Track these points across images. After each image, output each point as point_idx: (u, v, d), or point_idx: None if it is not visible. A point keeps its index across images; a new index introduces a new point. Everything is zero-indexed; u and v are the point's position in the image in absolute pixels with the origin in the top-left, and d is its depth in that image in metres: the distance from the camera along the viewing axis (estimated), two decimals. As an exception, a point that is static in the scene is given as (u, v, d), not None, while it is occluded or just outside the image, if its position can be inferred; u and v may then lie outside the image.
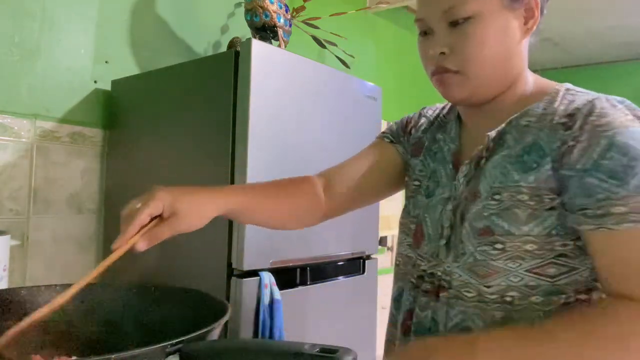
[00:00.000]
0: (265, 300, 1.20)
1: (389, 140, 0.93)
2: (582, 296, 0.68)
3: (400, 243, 0.86)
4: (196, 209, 0.71)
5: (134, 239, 0.66)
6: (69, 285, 0.66)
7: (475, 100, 0.76)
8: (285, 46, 1.65)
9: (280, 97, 1.29)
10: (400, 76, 3.05)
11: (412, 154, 0.89)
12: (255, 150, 1.22)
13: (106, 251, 1.60)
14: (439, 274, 0.75)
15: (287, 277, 1.31)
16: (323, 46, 1.86)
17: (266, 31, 1.64)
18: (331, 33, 1.98)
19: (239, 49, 1.25)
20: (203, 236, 1.29)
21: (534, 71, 0.79)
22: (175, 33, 1.86)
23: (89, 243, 1.61)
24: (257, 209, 0.82)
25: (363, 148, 0.97)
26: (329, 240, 1.44)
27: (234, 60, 1.25)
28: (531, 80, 0.77)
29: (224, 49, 1.98)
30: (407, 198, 0.87)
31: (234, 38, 1.80)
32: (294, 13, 1.77)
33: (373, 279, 1.62)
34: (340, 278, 1.49)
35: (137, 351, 0.51)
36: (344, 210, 0.94)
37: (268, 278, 1.22)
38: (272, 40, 1.67)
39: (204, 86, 1.34)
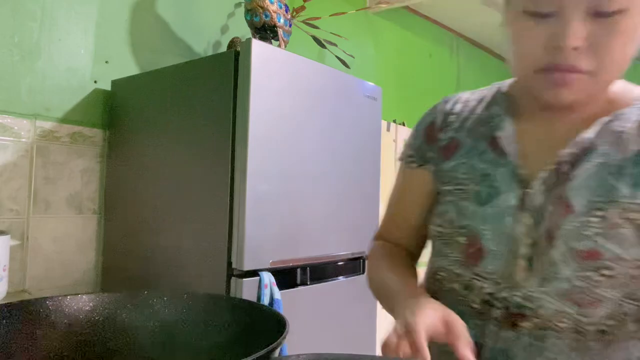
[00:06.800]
0: (265, 300, 1.20)
1: (416, 165, 0.79)
2: None
3: (440, 255, 0.73)
4: None
5: None
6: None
7: (580, 105, 0.64)
8: (285, 46, 1.65)
9: (280, 97, 1.29)
10: (400, 76, 3.05)
11: (443, 157, 0.75)
12: (255, 150, 1.22)
13: (106, 251, 1.60)
14: (517, 299, 0.63)
15: (287, 277, 1.31)
16: (323, 46, 1.86)
17: (266, 31, 1.65)
18: (331, 33, 1.98)
19: (239, 49, 1.25)
20: (203, 236, 1.29)
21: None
22: (175, 33, 1.86)
23: (89, 243, 1.61)
24: None
25: (394, 183, 0.84)
26: (329, 240, 1.45)
27: (234, 60, 1.25)
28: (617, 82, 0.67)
29: (224, 49, 1.98)
30: (443, 204, 0.73)
31: (234, 38, 1.80)
32: (294, 13, 1.77)
33: (373, 279, 1.62)
34: (340, 278, 1.49)
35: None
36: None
37: (268, 278, 1.22)
38: (272, 40, 1.67)
39: (204, 86, 1.34)
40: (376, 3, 2.69)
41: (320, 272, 1.42)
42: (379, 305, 1.68)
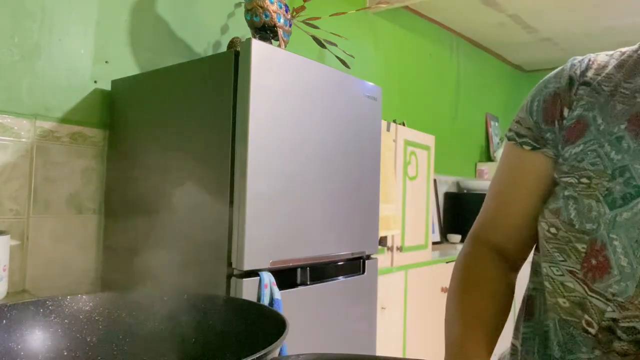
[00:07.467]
0: (265, 300, 1.20)
1: (530, 148, 0.63)
2: None
3: (549, 261, 0.59)
4: None
5: None
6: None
7: None
8: (285, 46, 1.64)
9: (280, 97, 1.29)
10: (400, 76, 3.05)
11: (566, 140, 0.59)
12: (255, 150, 1.22)
13: (106, 251, 1.60)
14: None
15: (287, 277, 1.31)
16: (323, 46, 1.86)
17: (266, 31, 1.64)
18: (331, 33, 1.98)
19: (239, 49, 1.25)
20: (203, 236, 1.29)
21: (534, 71, 0.67)
22: (175, 33, 1.86)
23: (89, 243, 1.61)
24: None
25: (498, 166, 0.68)
26: (329, 240, 1.44)
27: (234, 60, 1.25)
28: None
29: (224, 49, 1.98)
30: (560, 199, 0.58)
31: (234, 38, 1.80)
32: (294, 13, 1.77)
33: (373, 279, 1.62)
34: (340, 278, 1.49)
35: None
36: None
37: (268, 278, 1.22)
38: (272, 40, 1.67)
39: (204, 86, 1.34)
40: (376, 3, 2.69)
41: (320, 272, 1.42)
42: (379, 305, 1.68)
